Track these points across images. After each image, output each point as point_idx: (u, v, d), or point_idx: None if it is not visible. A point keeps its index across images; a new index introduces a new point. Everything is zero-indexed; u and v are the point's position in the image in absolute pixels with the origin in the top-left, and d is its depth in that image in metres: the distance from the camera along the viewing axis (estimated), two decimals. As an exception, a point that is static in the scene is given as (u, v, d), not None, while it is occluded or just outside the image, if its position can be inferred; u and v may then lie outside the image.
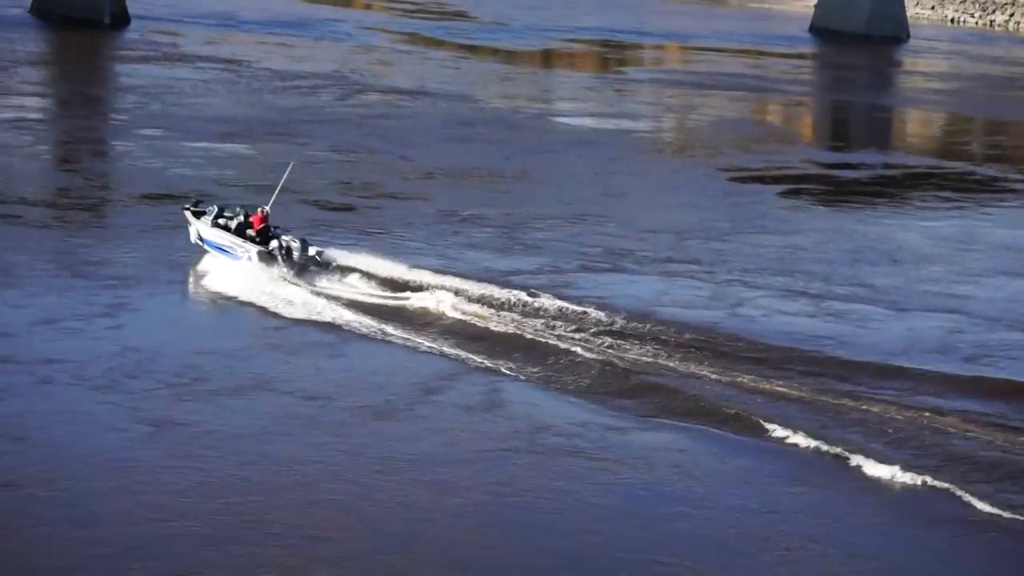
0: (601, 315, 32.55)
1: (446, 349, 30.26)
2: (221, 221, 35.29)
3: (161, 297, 33.22)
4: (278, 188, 36.63)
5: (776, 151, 62.19)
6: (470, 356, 29.94)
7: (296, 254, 34.25)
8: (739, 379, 29.22)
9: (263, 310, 32.15)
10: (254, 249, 34.34)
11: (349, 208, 43.83)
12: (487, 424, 26.73)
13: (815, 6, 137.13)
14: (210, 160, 49.37)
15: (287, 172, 37.50)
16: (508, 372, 29.20)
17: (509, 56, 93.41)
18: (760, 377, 29.36)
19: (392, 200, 45.39)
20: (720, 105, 77.28)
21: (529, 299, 33.38)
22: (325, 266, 34.62)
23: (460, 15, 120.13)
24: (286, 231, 35.23)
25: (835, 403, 28.11)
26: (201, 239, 35.57)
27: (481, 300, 33.20)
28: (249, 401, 27.04)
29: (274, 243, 34.38)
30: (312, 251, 34.71)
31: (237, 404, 26.84)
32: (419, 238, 39.94)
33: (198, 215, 35.81)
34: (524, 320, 32.14)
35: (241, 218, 35.27)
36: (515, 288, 34.14)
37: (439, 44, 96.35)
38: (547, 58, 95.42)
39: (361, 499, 23.12)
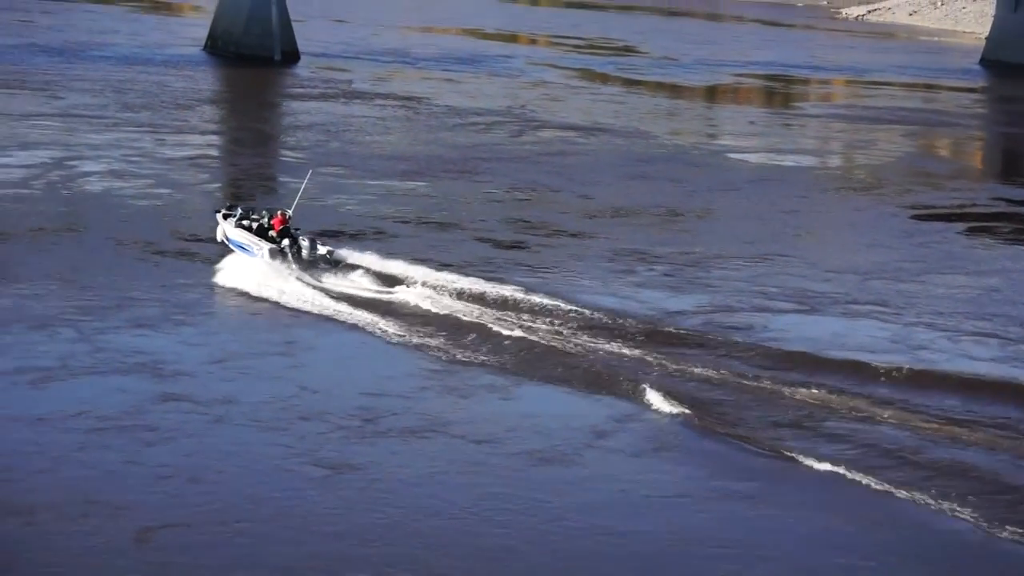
0: (773, 358, 31.75)
1: (610, 393, 29.46)
2: (245, 223, 37.98)
3: (334, 335, 32.97)
4: (299, 193, 39.48)
5: (960, 187, 60.13)
6: (633, 399, 29.14)
7: (305, 252, 36.81)
8: (914, 423, 28.20)
9: (432, 352, 31.70)
10: (266, 246, 36.86)
11: (522, 246, 43.27)
12: (658, 470, 26.00)
13: (986, 38, 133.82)
14: (387, 198, 49.37)
15: (306, 179, 40.59)
16: (673, 415, 28.32)
17: (682, 91, 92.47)
18: (935, 420, 28.35)
19: (568, 238, 44.79)
20: (898, 140, 75.28)
21: (694, 340, 32.75)
22: (335, 264, 36.87)
23: (629, 50, 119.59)
24: (304, 233, 37.64)
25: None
26: (227, 238, 38.18)
27: (644, 340, 32.61)
28: (420, 445, 26.58)
29: (285, 242, 36.86)
30: (323, 250, 37.10)
31: (408, 448, 26.40)
32: (591, 276, 39.27)
33: (228, 218, 38.45)
34: (691, 362, 31.29)
35: (265, 220, 37.87)
36: (683, 328, 33.51)
37: (610, 80, 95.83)
38: (720, 93, 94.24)
39: (532, 549, 22.53)
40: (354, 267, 36.89)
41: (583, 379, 30.16)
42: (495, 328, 33.16)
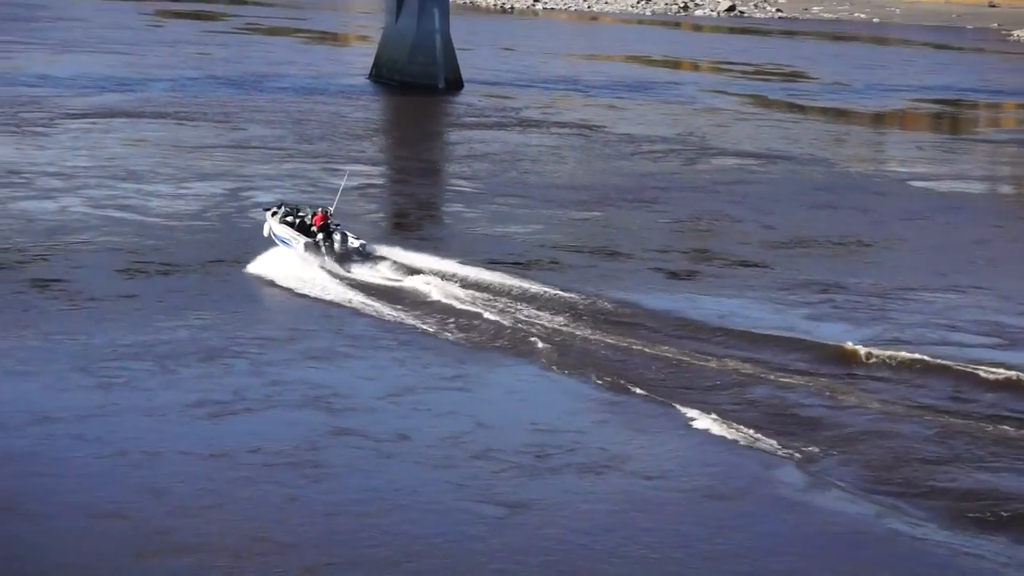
0: (958, 393, 30.48)
1: (782, 427, 28.38)
2: (289, 219, 41.00)
3: (507, 368, 32.32)
4: (339, 192, 42.92)
5: None
6: (805, 434, 28.08)
7: (337, 245, 39.64)
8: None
9: (604, 385, 30.93)
10: (303, 240, 39.81)
11: (697, 275, 42.28)
12: (833, 506, 25.09)
13: None
14: (561, 227, 48.80)
15: (344, 179, 44.93)
16: (845, 450, 27.36)
17: (856, 117, 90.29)
18: None
19: (746, 268, 43.66)
20: (1089, 166, 72.30)
21: (873, 374, 31.73)
22: (366, 256, 39.68)
23: (798, 75, 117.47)
24: (342, 229, 40.45)
25: None
26: (273, 234, 41.02)
27: (822, 373, 31.70)
28: (594, 481, 25.87)
29: (320, 235, 39.73)
30: (356, 243, 40.02)
31: (582, 485, 25.68)
32: (769, 307, 38.17)
33: (274, 215, 41.57)
34: (869, 396, 30.26)
35: (307, 217, 40.87)
36: (862, 361, 32.48)
37: (782, 105, 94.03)
38: (896, 118, 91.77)
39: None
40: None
41: (755, 412, 29.22)
42: (666, 360, 32.36)
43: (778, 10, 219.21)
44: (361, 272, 39.06)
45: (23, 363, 31.01)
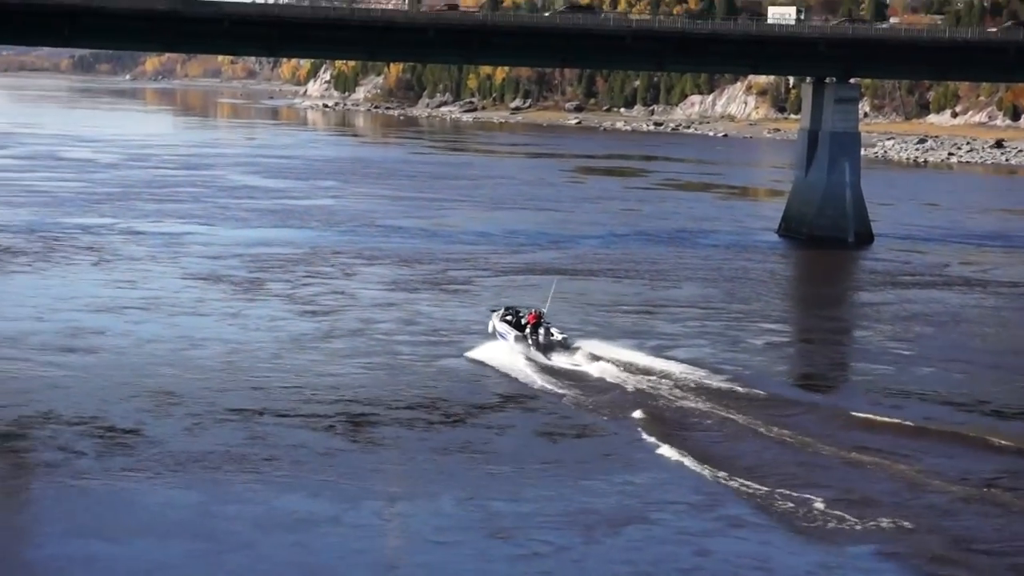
0: None
1: None
2: (509, 317, 50.23)
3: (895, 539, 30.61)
4: (549, 296, 51.79)
5: None
6: None
7: (541, 338, 48.44)
8: None
9: None
10: (513, 333, 49.07)
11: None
12: None
13: None
14: (1004, 393, 46.13)
15: (552, 286, 53.63)
16: None
17: None
18: None
19: None
20: None
21: None
22: (566, 348, 47.87)
23: None
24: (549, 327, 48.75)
25: None
26: (495, 329, 50.25)
27: None
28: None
29: (528, 330, 48.73)
30: (559, 336, 48.65)
31: None
32: None
33: (495, 313, 51.43)
34: None
35: (523, 316, 49.82)
36: None
37: None
38: None
39: None
40: None
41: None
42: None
43: None
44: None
45: (441, 531, 31.25)
